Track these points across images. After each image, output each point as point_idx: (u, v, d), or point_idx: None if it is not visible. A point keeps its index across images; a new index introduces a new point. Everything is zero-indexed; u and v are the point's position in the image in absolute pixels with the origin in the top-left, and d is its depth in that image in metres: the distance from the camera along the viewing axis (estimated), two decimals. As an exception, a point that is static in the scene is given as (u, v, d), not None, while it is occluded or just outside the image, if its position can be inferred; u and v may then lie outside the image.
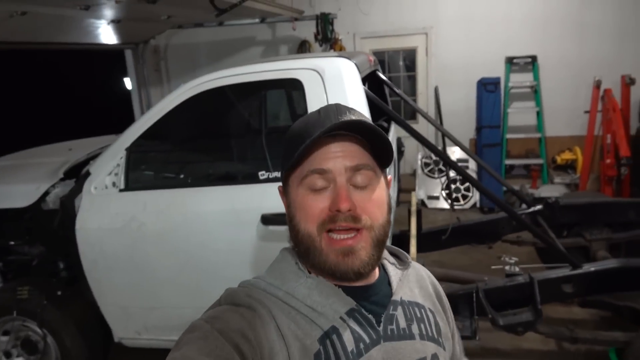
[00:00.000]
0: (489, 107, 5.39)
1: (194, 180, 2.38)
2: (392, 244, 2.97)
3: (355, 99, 2.10)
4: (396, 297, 0.80)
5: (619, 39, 5.16)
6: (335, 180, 0.73)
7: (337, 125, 0.72)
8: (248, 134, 2.44)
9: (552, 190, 5.13)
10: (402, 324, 0.78)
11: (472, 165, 5.37)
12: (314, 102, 2.08)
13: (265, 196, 2.11)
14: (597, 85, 4.81)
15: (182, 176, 2.39)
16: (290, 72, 2.12)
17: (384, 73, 5.79)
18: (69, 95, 6.31)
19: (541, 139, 5.44)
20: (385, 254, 0.87)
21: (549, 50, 5.30)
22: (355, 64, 2.17)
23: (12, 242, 2.71)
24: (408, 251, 2.69)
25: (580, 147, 5.33)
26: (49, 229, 2.46)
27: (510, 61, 5.36)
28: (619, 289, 2.52)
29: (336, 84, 2.08)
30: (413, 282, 0.87)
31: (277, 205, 2.10)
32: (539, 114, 5.44)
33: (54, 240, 2.54)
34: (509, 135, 5.46)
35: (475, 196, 5.39)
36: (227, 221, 2.16)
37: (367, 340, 0.73)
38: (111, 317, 2.50)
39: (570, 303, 3.13)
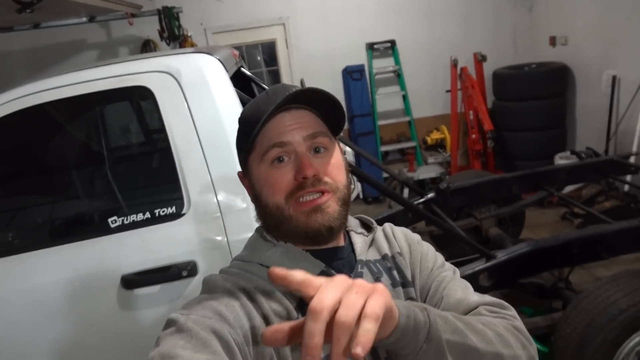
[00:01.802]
0: (358, 95, 5.26)
1: (15, 242, 1.68)
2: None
3: (226, 103, 1.61)
4: (361, 257, 0.86)
5: (465, 20, 5.38)
6: (295, 151, 0.78)
7: (290, 97, 0.75)
8: (86, 166, 1.80)
9: (429, 170, 5.20)
10: (370, 280, 0.82)
11: (349, 155, 5.20)
12: (171, 114, 1.56)
13: (123, 251, 1.54)
14: (455, 64, 4.94)
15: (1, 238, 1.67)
16: (134, 79, 1.54)
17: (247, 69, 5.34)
18: None
19: (410, 121, 5.47)
20: (354, 224, 0.92)
21: (405, 34, 5.32)
22: (219, 60, 1.68)
23: None
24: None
25: (446, 125, 5.48)
26: None
27: (371, 47, 5.27)
28: (534, 272, 2.46)
29: (198, 88, 1.58)
30: (381, 241, 0.92)
31: (139, 261, 1.55)
32: (405, 98, 5.46)
33: None
34: (380, 122, 5.39)
35: (357, 187, 5.23)
36: (71, 294, 1.53)
37: None
38: None
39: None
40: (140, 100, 1.79)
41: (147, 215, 1.56)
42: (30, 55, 4.96)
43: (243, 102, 1.76)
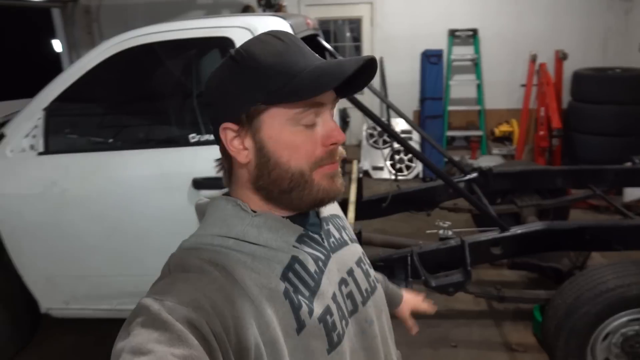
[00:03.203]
0: (432, 79, 5.47)
1: (121, 143, 2.26)
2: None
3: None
4: (324, 214, 0.84)
5: (553, 15, 5.35)
6: (323, 114, 0.71)
7: (366, 61, 0.66)
8: (178, 95, 2.33)
9: (490, 160, 5.32)
10: (336, 234, 0.83)
11: (415, 136, 5.47)
12: (247, 63, 2.01)
13: (197, 160, 2.04)
14: (533, 59, 4.98)
15: (107, 138, 2.26)
16: (221, 30, 2.02)
17: (330, 42, 5.73)
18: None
19: (481, 111, 5.60)
20: None
21: (488, 24, 5.42)
22: (290, 24, 2.11)
23: None
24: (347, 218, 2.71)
25: (516, 119, 5.54)
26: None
27: (452, 34, 5.44)
28: (543, 250, 2.65)
29: (270, 44, 2.02)
30: None
31: (209, 169, 2.06)
32: (479, 87, 5.58)
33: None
34: (450, 107, 5.58)
35: (418, 167, 5.51)
36: (156, 186, 2.08)
37: (323, 257, 0.76)
38: (36, 288, 2.38)
39: (500, 266, 3.29)
40: (224, 49, 2.27)
41: (209, 136, 2.06)
42: (148, 9, 5.75)
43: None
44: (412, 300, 1.25)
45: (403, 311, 1.23)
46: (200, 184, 2.03)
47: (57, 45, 5.68)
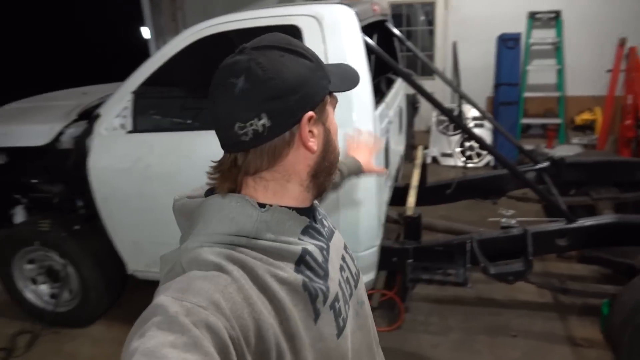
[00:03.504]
0: (508, 64, 5.27)
1: (199, 124, 2.46)
2: (395, 195, 3.04)
3: (353, 48, 2.12)
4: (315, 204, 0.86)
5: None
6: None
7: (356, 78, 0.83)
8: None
9: (568, 150, 5.05)
10: (326, 223, 0.86)
11: (488, 123, 5.32)
12: (311, 48, 2.11)
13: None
14: (622, 43, 4.64)
15: (187, 120, 2.48)
16: (289, 19, 2.14)
17: (402, 27, 5.69)
18: (85, 42, 6.42)
19: (560, 98, 5.32)
20: None
21: (574, 5, 5.10)
22: (356, 12, 2.17)
23: (34, 180, 2.89)
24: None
25: (600, 107, 5.20)
26: (65, 168, 2.61)
27: (532, 16, 5.18)
28: (613, 244, 2.55)
29: (334, 32, 2.10)
30: None
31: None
32: (560, 72, 5.30)
33: (71, 179, 2.70)
34: (527, 94, 5.35)
35: (489, 155, 5.36)
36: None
37: (324, 246, 0.78)
38: (124, 251, 2.67)
39: (570, 259, 3.18)
40: (292, 36, 2.38)
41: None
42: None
43: (369, 49, 2.24)
44: (366, 160, 1.48)
45: (368, 169, 1.46)
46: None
47: (145, 32, 6.14)
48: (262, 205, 0.71)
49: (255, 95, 0.66)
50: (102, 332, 2.90)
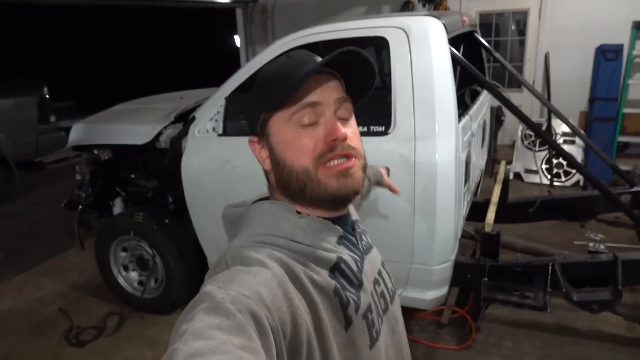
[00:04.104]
0: (606, 77, 4.92)
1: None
2: (472, 210, 2.97)
3: (440, 60, 2.11)
4: (354, 217, 0.89)
5: None
6: (324, 113, 0.74)
7: (333, 57, 0.72)
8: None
9: (672, 173, 4.62)
10: (364, 238, 0.89)
11: (579, 139, 5.01)
12: (399, 61, 2.14)
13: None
14: None
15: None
16: (378, 30, 2.18)
17: (491, 37, 5.51)
18: (185, 49, 6.92)
19: (665, 116, 4.87)
20: None
21: (688, 14, 4.65)
22: (444, 24, 2.17)
23: (132, 175, 3.18)
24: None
25: None
26: (161, 166, 2.84)
27: (637, 26, 4.80)
28: None
29: (422, 44, 2.11)
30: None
31: (370, 159, 2.26)
32: (667, 88, 4.86)
33: (165, 176, 2.93)
34: (626, 110, 4.95)
35: (578, 173, 5.04)
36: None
37: (359, 258, 0.81)
38: (206, 246, 2.85)
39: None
40: (380, 48, 2.42)
41: (364, 128, 2.23)
42: (317, 7, 6.20)
43: (455, 60, 2.23)
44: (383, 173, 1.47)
45: (385, 181, 1.45)
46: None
47: (237, 40, 6.48)
48: (299, 213, 0.77)
49: None
50: (183, 320, 3.10)
